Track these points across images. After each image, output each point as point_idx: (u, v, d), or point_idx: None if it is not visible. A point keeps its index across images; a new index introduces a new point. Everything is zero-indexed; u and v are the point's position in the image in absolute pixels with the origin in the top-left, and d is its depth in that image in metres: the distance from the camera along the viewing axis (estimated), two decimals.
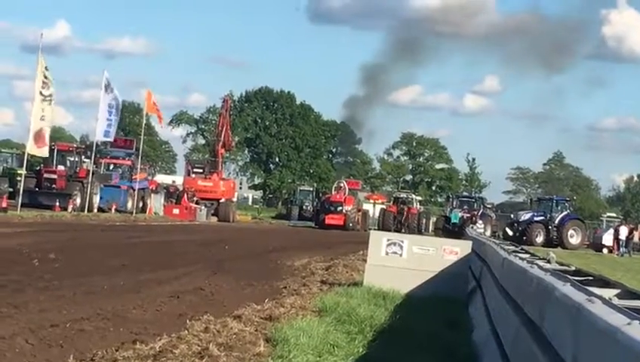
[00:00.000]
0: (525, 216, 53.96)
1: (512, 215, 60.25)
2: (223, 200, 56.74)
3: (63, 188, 41.41)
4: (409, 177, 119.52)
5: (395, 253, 16.37)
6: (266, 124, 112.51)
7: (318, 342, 9.77)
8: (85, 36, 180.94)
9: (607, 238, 54.94)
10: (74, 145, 49.58)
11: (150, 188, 50.00)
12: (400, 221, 61.11)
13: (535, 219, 53.26)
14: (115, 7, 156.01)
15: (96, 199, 42.67)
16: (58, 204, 38.87)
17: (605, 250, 53.37)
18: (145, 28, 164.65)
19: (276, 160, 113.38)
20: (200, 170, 60.07)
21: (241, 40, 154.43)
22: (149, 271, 16.83)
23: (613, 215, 71.28)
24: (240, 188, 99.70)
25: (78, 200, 40.70)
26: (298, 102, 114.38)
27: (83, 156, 44.92)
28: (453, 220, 57.40)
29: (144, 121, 58.73)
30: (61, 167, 43.08)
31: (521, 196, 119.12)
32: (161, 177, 77.76)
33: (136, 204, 45.83)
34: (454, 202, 62.42)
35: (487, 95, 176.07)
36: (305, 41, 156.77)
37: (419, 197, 75.19)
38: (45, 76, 36.08)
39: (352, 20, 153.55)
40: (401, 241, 16.72)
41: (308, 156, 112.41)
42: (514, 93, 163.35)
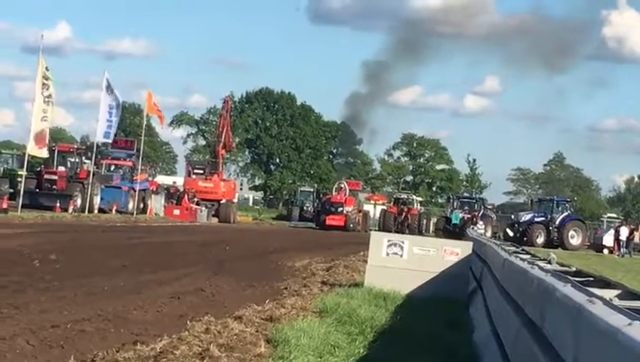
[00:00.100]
0: (526, 217, 53.94)
1: (512, 216, 60.21)
2: (223, 201, 56.74)
3: (63, 189, 41.41)
4: (409, 178, 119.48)
5: (396, 253, 16.38)
6: (267, 124, 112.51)
7: (318, 343, 9.77)
8: (86, 37, 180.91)
9: (608, 239, 54.91)
10: (74, 146, 49.58)
11: (151, 189, 49.99)
12: (400, 222, 61.08)
13: (536, 219, 53.23)
14: (116, 8, 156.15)
15: (97, 200, 42.67)
16: (59, 204, 38.87)
17: (606, 250, 53.36)
18: (145, 29, 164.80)
19: (277, 161, 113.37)
20: (200, 170, 60.05)
21: (242, 41, 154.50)
22: (149, 272, 16.84)
23: (613, 215, 71.22)
24: (240, 189, 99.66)
25: (78, 201, 40.71)
26: (299, 103, 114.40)
27: (83, 157, 44.94)
28: (453, 221, 57.38)
29: (145, 122, 58.80)
30: (62, 168, 43.08)
31: (522, 197, 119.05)
32: (162, 178, 77.75)
33: (137, 204, 45.84)
34: (455, 203, 62.40)
35: (487, 96, 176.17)
36: (305, 42, 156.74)
37: (419, 198, 75.16)
38: (45, 77, 36.07)
39: (352, 21, 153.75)
40: (402, 242, 16.72)
41: (308, 157, 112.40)
42: (514, 94, 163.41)
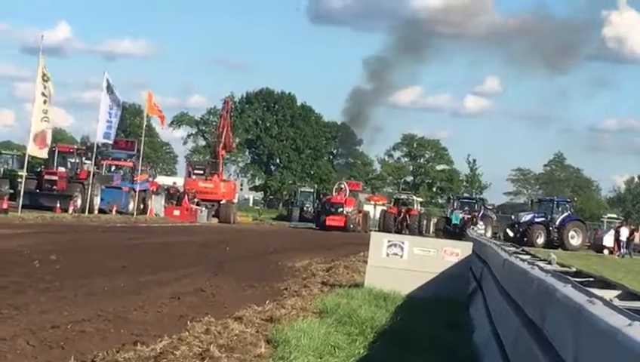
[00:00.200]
0: (526, 217, 53.92)
1: (512, 216, 60.18)
2: (223, 201, 56.74)
3: (63, 189, 41.41)
4: (410, 178, 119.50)
5: (396, 254, 16.37)
6: (267, 125, 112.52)
7: (318, 344, 9.77)
8: (86, 38, 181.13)
9: (608, 239, 54.90)
10: (74, 146, 49.58)
11: (151, 189, 50.00)
12: (400, 222, 61.08)
13: (536, 220, 53.22)
14: (116, 8, 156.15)
15: (97, 200, 42.68)
16: (59, 205, 38.87)
17: (606, 251, 53.33)
18: (145, 29, 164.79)
19: (277, 161, 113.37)
20: (201, 171, 60.05)
21: (242, 41, 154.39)
22: (149, 273, 16.84)
23: (613, 216, 71.21)
24: (241, 189, 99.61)
25: (78, 201, 40.71)
26: (299, 104, 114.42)
27: (84, 157, 44.95)
28: (453, 221, 57.36)
29: (145, 123, 58.80)
30: (62, 169, 43.09)
31: (522, 197, 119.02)
32: (162, 178, 77.75)
33: (137, 205, 45.84)
34: (455, 203, 62.37)
35: (487, 96, 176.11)
36: (305, 42, 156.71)
37: (419, 199, 75.17)
38: (45, 78, 36.05)
39: (352, 21, 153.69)
40: (402, 243, 16.71)
41: (309, 157, 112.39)
42: (514, 94, 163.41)
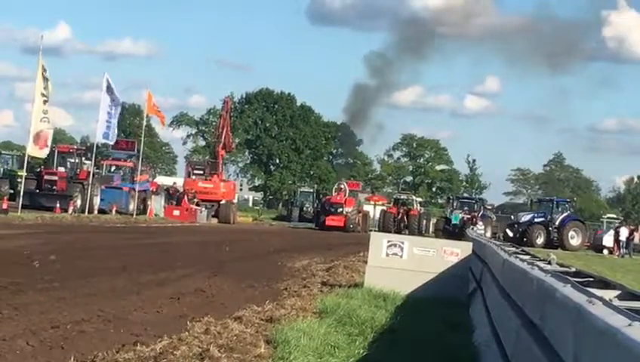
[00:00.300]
0: (526, 218, 53.90)
1: (512, 216, 60.21)
2: (223, 201, 56.70)
3: (63, 189, 41.39)
4: (409, 178, 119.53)
5: (396, 254, 16.38)
6: (267, 125, 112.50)
7: (318, 344, 9.78)
8: (86, 38, 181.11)
9: (608, 239, 54.91)
10: (74, 146, 49.59)
11: (151, 189, 49.99)
12: (400, 222, 61.08)
13: (535, 220, 53.19)
14: (116, 8, 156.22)
15: (97, 200, 42.67)
16: (58, 205, 38.85)
17: (606, 251, 53.34)
18: (145, 29, 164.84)
19: (277, 161, 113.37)
20: (200, 171, 60.03)
21: (242, 41, 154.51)
22: (149, 273, 16.84)
23: (613, 216, 71.23)
24: (240, 189, 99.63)
25: (78, 201, 40.69)
26: (298, 104, 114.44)
27: (83, 158, 44.95)
28: (453, 221, 57.36)
29: (145, 123, 58.80)
30: (61, 169, 43.08)
31: (522, 197, 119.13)
32: (162, 179, 77.73)
33: (137, 205, 45.82)
34: (455, 203, 62.36)
35: (487, 96, 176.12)
36: (305, 43, 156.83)
37: (419, 199, 75.14)
38: (45, 78, 36.05)
39: (352, 22, 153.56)
40: (402, 243, 16.72)
41: (308, 157, 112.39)
42: (514, 95, 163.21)
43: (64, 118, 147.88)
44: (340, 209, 56.66)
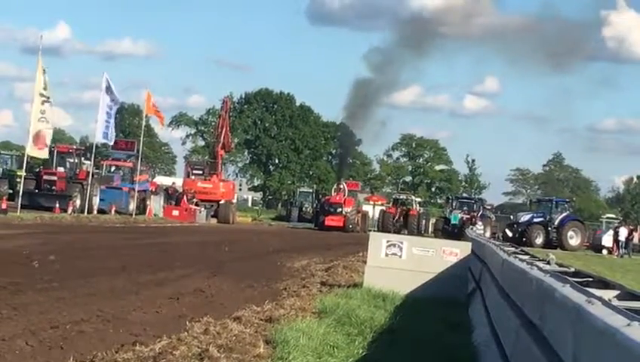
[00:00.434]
0: (525, 218, 53.91)
1: (511, 216, 60.22)
2: (222, 201, 56.70)
3: (62, 189, 41.38)
4: (409, 178, 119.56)
5: (395, 254, 16.38)
6: (266, 125, 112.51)
7: (317, 344, 9.78)
8: (85, 38, 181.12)
9: (607, 239, 54.92)
10: (73, 146, 49.57)
11: (150, 189, 49.99)
12: (399, 222, 61.09)
13: (535, 220, 53.21)
14: (115, 9, 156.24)
15: (96, 201, 42.66)
16: (58, 205, 38.84)
17: (605, 251, 53.34)
18: (144, 29, 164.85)
19: (276, 161, 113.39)
20: (200, 171, 60.03)
21: (241, 41, 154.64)
22: (148, 273, 16.83)
23: (612, 216, 71.28)
24: (240, 189, 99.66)
25: (77, 201, 40.66)
26: (298, 104, 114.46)
27: (82, 158, 44.94)
28: (452, 221, 57.39)
29: (144, 123, 58.81)
30: (61, 169, 43.06)
31: (521, 197, 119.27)
32: (161, 179, 77.73)
33: (136, 205, 45.81)
34: (454, 203, 62.39)
35: (486, 96, 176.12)
36: (304, 43, 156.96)
37: (418, 199, 75.17)
38: (44, 79, 36.02)
39: (351, 21, 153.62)
40: (401, 243, 16.72)
41: (307, 157, 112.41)
42: (513, 95, 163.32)
43: (63, 117, 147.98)
44: (339, 209, 56.67)
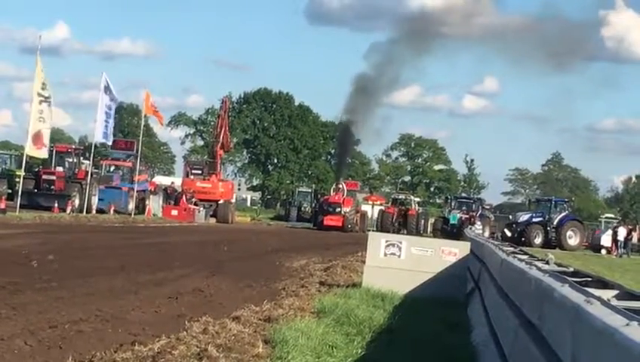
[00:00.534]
0: (524, 217, 53.94)
1: (510, 216, 60.29)
2: (221, 201, 56.69)
3: (61, 189, 41.36)
4: (407, 178, 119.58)
5: (394, 254, 16.37)
6: (265, 125, 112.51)
7: (316, 343, 9.78)
8: (84, 38, 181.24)
9: (606, 239, 54.95)
10: (72, 146, 49.54)
11: (149, 189, 49.97)
12: (398, 222, 61.09)
13: (534, 220, 53.24)
14: (114, 8, 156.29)
15: (95, 200, 42.64)
16: (57, 205, 38.82)
17: (604, 250, 53.37)
18: (144, 29, 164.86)
19: (275, 161, 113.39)
20: (199, 171, 60.02)
21: (240, 41, 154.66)
22: (147, 273, 16.82)
23: (611, 216, 71.32)
24: (238, 189, 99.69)
25: (76, 201, 40.64)
26: (296, 104, 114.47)
27: (81, 157, 44.92)
28: (451, 221, 57.41)
29: (143, 123, 58.80)
30: (60, 169, 43.04)
31: (520, 197, 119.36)
32: (160, 178, 77.72)
33: (136, 205, 45.80)
34: (453, 203, 62.43)
35: (485, 96, 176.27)
36: (303, 43, 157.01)
37: (417, 199, 75.20)
38: (43, 79, 36.00)
39: (350, 21, 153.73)
40: (400, 242, 16.71)
41: (306, 157, 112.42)
42: (513, 95, 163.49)
43: (62, 117, 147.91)
44: (338, 209, 56.66)
